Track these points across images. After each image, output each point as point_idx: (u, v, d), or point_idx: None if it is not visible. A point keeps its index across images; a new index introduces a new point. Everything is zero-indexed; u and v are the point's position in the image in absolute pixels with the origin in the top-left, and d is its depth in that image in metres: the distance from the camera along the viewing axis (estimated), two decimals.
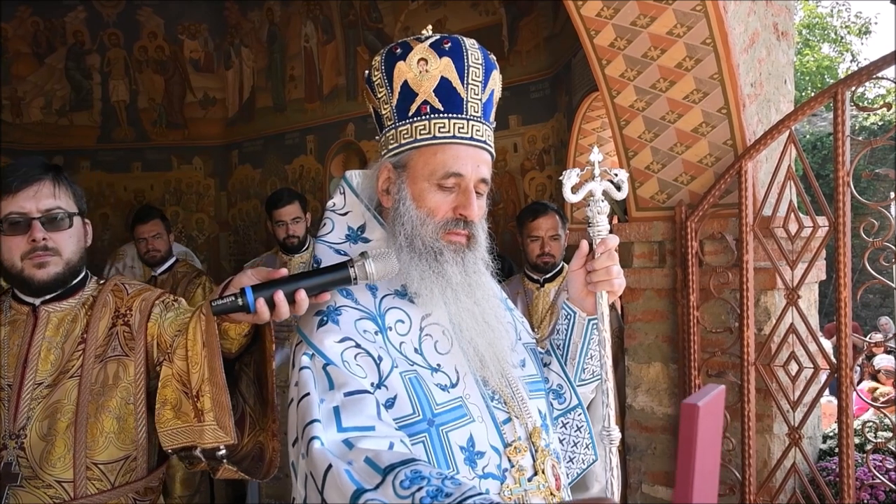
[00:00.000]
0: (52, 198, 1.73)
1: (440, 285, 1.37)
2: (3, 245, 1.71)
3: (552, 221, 3.63)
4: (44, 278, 1.72)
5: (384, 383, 1.29)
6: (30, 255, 1.70)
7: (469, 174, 1.39)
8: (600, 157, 1.44)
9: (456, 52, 1.39)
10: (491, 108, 1.47)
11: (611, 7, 3.08)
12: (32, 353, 1.72)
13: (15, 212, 1.69)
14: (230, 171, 8.22)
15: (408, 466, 1.09)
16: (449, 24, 6.20)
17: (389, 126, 1.44)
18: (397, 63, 1.39)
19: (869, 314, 10.83)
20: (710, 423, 1.02)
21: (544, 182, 5.82)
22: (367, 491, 1.08)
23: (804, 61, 18.73)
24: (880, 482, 2.90)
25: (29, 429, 1.67)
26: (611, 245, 1.45)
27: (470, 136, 1.40)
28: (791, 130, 2.96)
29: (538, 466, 1.37)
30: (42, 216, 1.71)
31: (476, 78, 1.41)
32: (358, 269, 1.32)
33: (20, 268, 1.71)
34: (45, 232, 1.71)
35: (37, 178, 1.72)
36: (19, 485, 1.66)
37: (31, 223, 1.69)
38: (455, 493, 1.04)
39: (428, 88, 1.38)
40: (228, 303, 1.32)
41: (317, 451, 1.15)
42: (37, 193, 1.71)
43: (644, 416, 3.39)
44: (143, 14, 7.87)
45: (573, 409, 1.57)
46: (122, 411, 1.73)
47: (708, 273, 3.14)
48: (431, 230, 1.38)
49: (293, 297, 1.32)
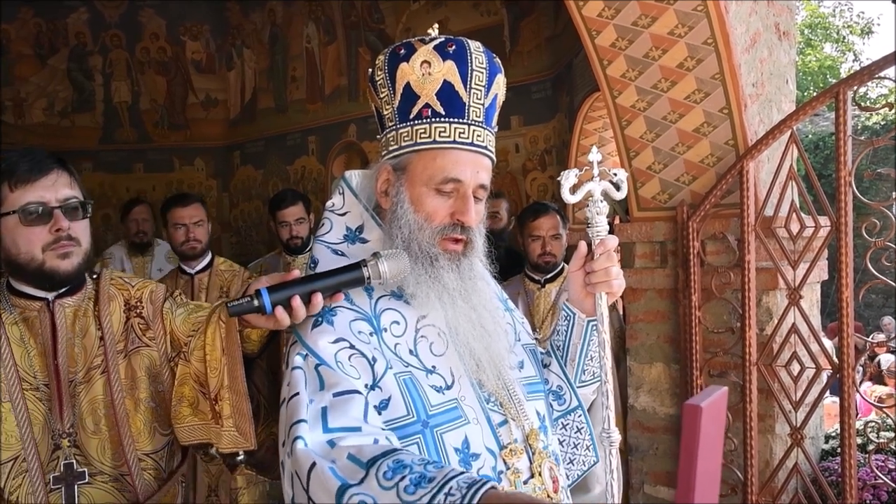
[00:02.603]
0: (69, 187, 1.66)
1: (436, 290, 1.37)
2: (21, 237, 1.61)
3: (553, 221, 3.63)
4: (68, 269, 1.64)
5: (378, 384, 1.29)
6: (53, 245, 1.62)
7: (468, 180, 1.38)
8: (599, 157, 1.43)
9: (460, 55, 1.38)
10: (493, 113, 1.46)
11: (612, 7, 3.08)
12: (60, 350, 1.66)
13: (34, 201, 1.60)
14: (232, 171, 8.24)
15: (390, 457, 1.09)
16: (450, 24, 6.20)
17: (390, 127, 1.43)
18: (400, 64, 1.39)
19: (872, 314, 10.80)
20: (712, 425, 1.01)
21: (546, 182, 5.82)
22: (352, 486, 1.08)
23: (806, 61, 18.71)
24: (883, 482, 2.90)
25: (77, 426, 1.64)
26: (610, 246, 1.44)
27: (471, 142, 1.39)
28: (793, 130, 2.96)
29: (535, 469, 1.37)
30: (61, 205, 1.63)
31: (479, 82, 1.40)
32: (371, 269, 1.32)
33: (41, 260, 1.62)
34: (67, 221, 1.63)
35: (51, 167, 1.65)
36: (87, 482, 1.64)
37: (53, 212, 1.61)
38: (437, 476, 1.04)
39: (430, 91, 1.37)
40: (244, 303, 1.33)
41: (300, 450, 1.16)
42: (55, 183, 1.64)
43: (646, 416, 3.38)
44: (145, 15, 7.89)
45: (573, 410, 1.57)
46: (156, 399, 1.72)
47: (710, 273, 3.14)
48: (428, 235, 1.38)
49: (308, 299, 1.32)
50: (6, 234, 1.62)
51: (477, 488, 1.01)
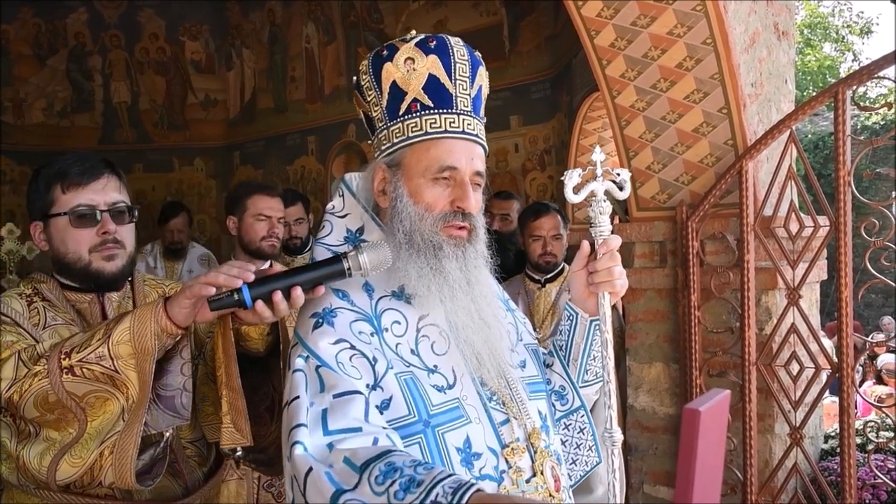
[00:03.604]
0: (117, 192, 1.73)
1: (437, 283, 1.37)
2: (70, 237, 1.69)
3: (554, 221, 3.63)
4: (113, 271, 1.71)
5: (379, 384, 1.29)
6: (99, 247, 1.69)
7: (463, 167, 1.40)
8: (602, 156, 1.44)
9: (441, 49, 1.40)
10: (480, 104, 1.48)
11: (611, 7, 3.08)
12: None
13: (84, 204, 1.68)
14: (231, 172, 8.23)
15: (382, 460, 1.10)
16: (450, 24, 6.20)
17: (381, 127, 1.45)
18: (384, 64, 1.41)
19: (872, 314, 10.80)
20: (712, 429, 1.01)
21: (545, 182, 5.82)
22: (346, 491, 1.09)
23: (806, 61, 18.71)
24: (882, 482, 2.90)
25: None
26: (613, 246, 1.44)
27: (461, 130, 1.41)
28: (792, 130, 2.96)
29: (537, 468, 1.37)
30: (109, 209, 1.71)
31: (463, 73, 1.42)
32: (351, 261, 1.33)
33: (87, 261, 1.69)
34: (114, 224, 1.71)
35: (102, 171, 1.72)
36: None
37: (101, 216, 1.69)
38: (426, 479, 1.05)
39: (416, 86, 1.39)
40: (224, 298, 1.35)
41: (298, 456, 1.16)
42: (105, 187, 1.71)
43: (645, 416, 3.39)
44: (145, 15, 7.88)
45: (575, 410, 1.57)
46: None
47: (709, 273, 3.14)
48: (430, 224, 1.38)
49: (289, 294, 1.34)
50: (56, 234, 1.70)
51: (463, 492, 1.02)
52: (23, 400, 1.46)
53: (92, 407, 1.47)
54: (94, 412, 1.48)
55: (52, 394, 1.45)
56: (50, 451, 1.50)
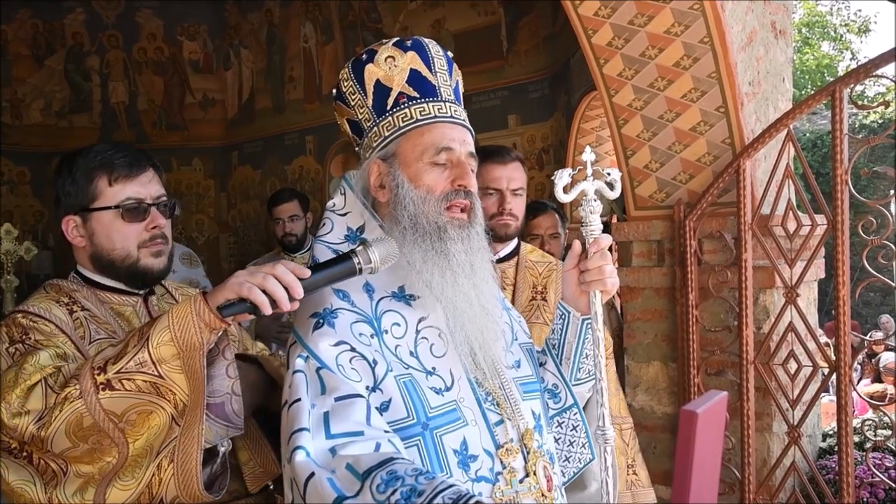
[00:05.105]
0: (160, 185, 1.65)
1: (441, 266, 1.38)
2: (118, 232, 1.58)
3: (552, 220, 3.63)
4: (160, 268, 1.63)
5: (379, 387, 1.29)
6: (148, 242, 1.60)
7: (458, 148, 1.44)
8: (593, 156, 1.46)
9: (418, 46, 1.47)
10: (460, 96, 1.53)
11: (608, 6, 3.08)
12: None
13: (133, 197, 1.58)
14: (230, 172, 8.22)
15: (384, 468, 1.11)
16: (448, 24, 6.20)
17: (370, 126, 1.48)
18: (366, 66, 1.45)
19: (870, 312, 10.81)
20: (709, 430, 1.01)
21: (543, 181, 5.82)
22: (348, 498, 1.10)
23: (804, 59, 18.72)
24: (880, 480, 2.90)
25: None
26: (603, 245, 1.45)
27: (450, 115, 1.46)
28: (789, 129, 2.96)
29: (529, 468, 1.38)
30: (155, 203, 1.62)
31: (441, 67, 1.48)
32: (361, 256, 1.31)
33: (136, 257, 1.59)
34: (163, 219, 1.62)
35: (147, 164, 1.63)
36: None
37: (149, 209, 1.60)
38: (427, 489, 1.07)
39: (400, 81, 1.44)
40: (237, 304, 1.31)
41: (299, 461, 1.17)
42: (151, 180, 1.62)
43: (643, 415, 3.38)
44: (143, 15, 7.87)
45: (568, 408, 1.58)
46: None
47: (707, 272, 3.14)
48: (433, 205, 1.41)
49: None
50: (100, 229, 1.59)
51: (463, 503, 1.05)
52: (51, 432, 1.30)
53: (133, 426, 1.34)
54: (135, 431, 1.34)
55: (87, 417, 1.30)
56: (90, 484, 1.35)
